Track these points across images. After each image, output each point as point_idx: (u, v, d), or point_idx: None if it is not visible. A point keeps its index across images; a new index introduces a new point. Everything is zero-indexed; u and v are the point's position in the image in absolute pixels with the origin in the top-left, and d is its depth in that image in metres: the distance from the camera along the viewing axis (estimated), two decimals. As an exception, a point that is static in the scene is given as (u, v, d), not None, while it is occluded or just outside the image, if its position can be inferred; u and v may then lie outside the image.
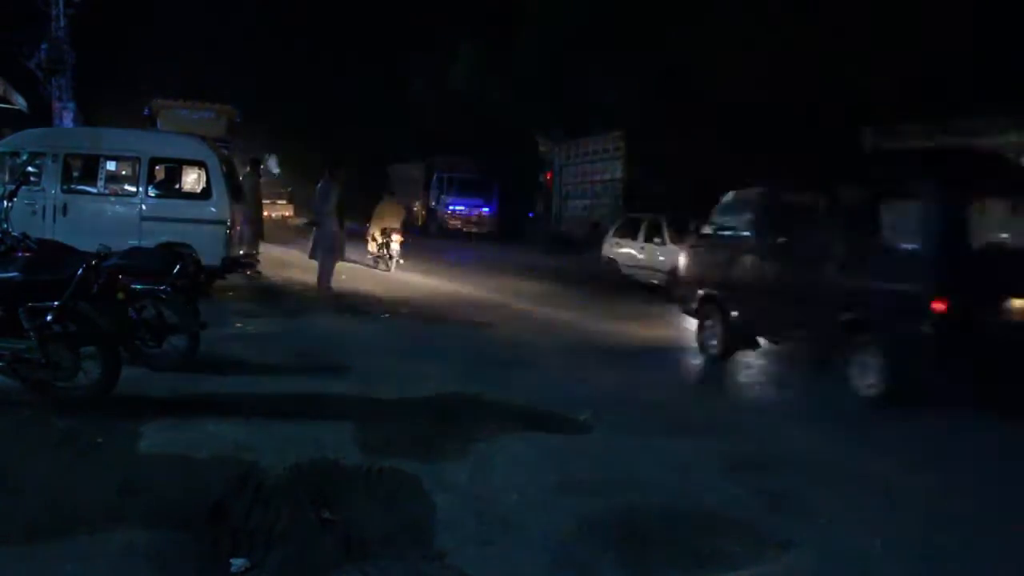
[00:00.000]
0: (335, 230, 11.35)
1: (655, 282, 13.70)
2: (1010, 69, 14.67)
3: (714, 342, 8.19)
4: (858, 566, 3.53)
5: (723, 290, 8.16)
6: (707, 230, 9.11)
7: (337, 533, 3.53)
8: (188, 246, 9.57)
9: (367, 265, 15.96)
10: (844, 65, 17.70)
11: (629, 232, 15.21)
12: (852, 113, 15.98)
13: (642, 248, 14.52)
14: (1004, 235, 6.66)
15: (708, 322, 8.35)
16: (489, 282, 14.81)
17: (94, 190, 10.36)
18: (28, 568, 3.14)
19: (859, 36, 17.78)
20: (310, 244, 11.58)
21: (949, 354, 5.94)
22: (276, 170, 35.37)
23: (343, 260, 11.79)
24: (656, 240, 14.06)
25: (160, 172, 11.37)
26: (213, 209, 10.16)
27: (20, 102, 20.46)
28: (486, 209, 30.22)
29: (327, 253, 11.30)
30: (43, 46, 23.16)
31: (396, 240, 15.84)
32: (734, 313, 7.92)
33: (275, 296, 11.24)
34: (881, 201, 6.64)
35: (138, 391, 5.59)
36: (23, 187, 8.77)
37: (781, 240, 7.56)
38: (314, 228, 11.53)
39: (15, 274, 5.13)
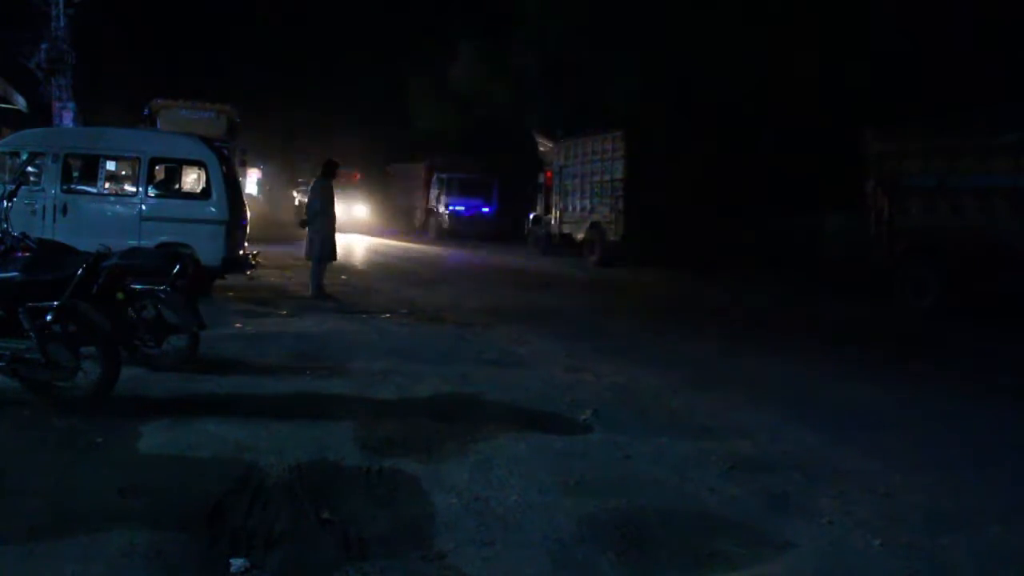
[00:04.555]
0: (327, 230, 11.32)
1: None
2: (1010, 69, 14.70)
3: None
4: (858, 566, 3.53)
5: None
6: None
7: (337, 533, 3.53)
8: (188, 246, 9.59)
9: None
10: (844, 65, 17.74)
11: None
12: (852, 113, 15.99)
13: None
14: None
15: None
16: (489, 284, 14.81)
17: (94, 190, 10.36)
18: (28, 568, 3.14)
19: (859, 36, 17.81)
20: (305, 244, 11.57)
21: None
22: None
23: (333, 260, 11.75)
24: None
25: (160, 172, 11.37)
26: (213, 209, 10.16)
27: (20, 102, 20.46)
28: (486, 209, 30.21)
29: (318, 254, 11.29)
30: (43, 46, 23.15)
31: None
32: None
33: (275, 296, 11.24)
34: None
35: (138, 391, 5.60)
36: (23, 187, 8.78)
37: None
38: (308, 228, 11.48)
39: (15, 274, 5.14)
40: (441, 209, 30.38)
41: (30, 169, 10.14)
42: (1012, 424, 6.20)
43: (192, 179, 12.57)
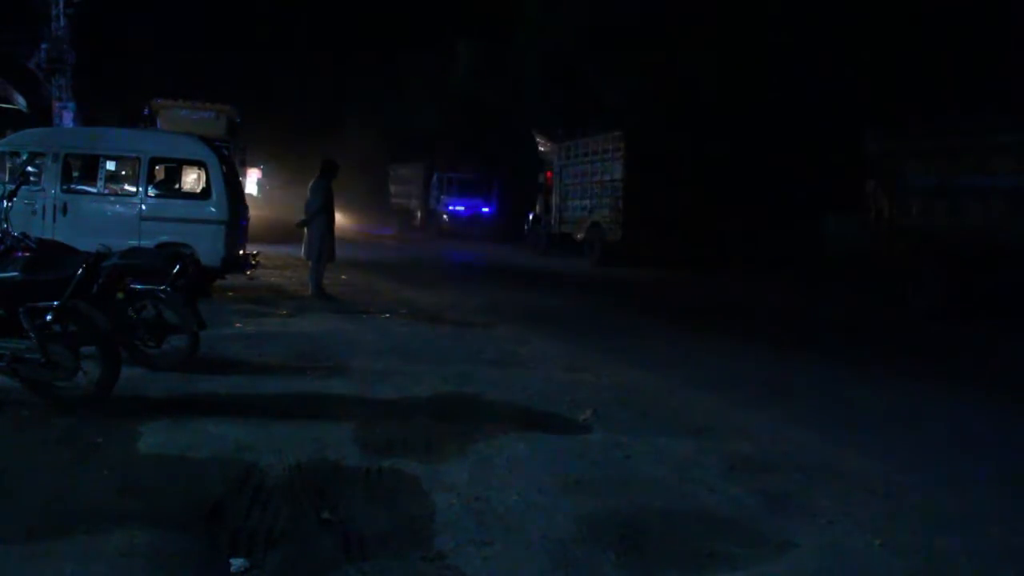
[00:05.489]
0: (324, 230, 11.32)
1: None
2: (1009, 69, 14.69)
3: None
4: (858, 566, 3.53)
5: None
6: None
7: (337, 533, 3.53)
8: (188, 246, 9.59)
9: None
10: (844, 65, 17.75)
11: None
12: (852, 113, 15.99)
13: None
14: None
15: None
16: (489, 284, 14.82)
17: (94, 190, 10.36)
18: (28, 568, 3.14)
19: (859, 36, 17.82)
20: (303, 244, 11.58)
21: None
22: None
23: (332, 260, 11.75)
24: None
25: (160, 172, 11.37)
26: (213, 209, 10.16)
27: (20, 102, 20.49)
28: (486, 209, 30.22)
29: (317, 253, 11.29)
30: (43, 46, 23.15)
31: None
32: None
33: (275, 296, 11.23)
34: None
35: (138, 391, 5.60)
36: (23, 187, 8.77)
37: None
38: (306, 228, 11.49)
39: (15, 274, 5.13)
40: (441, 209, 30.39)
41: (30, 169, 10.13)
42: (1012, 424, 6.20)
43: (192, 179, 12.58)
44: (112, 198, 10.69)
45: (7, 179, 9.43)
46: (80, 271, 5.08)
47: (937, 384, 7.49)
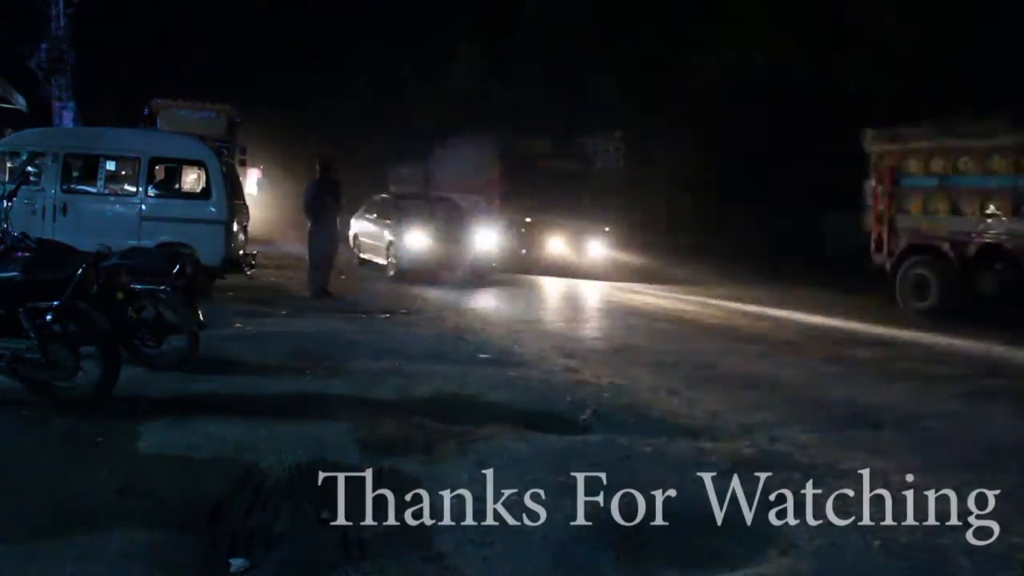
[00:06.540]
0: (326, 231, 11.31)
1: None
2: (1009, 69, 14.70)
3: None
4: (858, 566, 3.53)
5: None
6: None
7: (337, 533, 3.53)
8: (188, 246, 9.58)
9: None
10: (844, 65, 17.76)
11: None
12: (852, 113, 16.00)
13: None
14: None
15: None
16: (488, 284, 14.83)
17: (94, 190, 10.36)
18: (28, 568, 3.14)
19: (859, 36, 17.82)
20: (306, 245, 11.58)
21: None
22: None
23: (334, 259, 11.73)
24: None
25: (160, 172, 11.37)
26: (213, 209, 10.16)
27: (20, 102, 20.47)
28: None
29: (318, 254, 11.28)
30: (43, 46, 23.15)
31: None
32: None
33: (275, 296, 11.23)
34: None
35: (138, 391, 5.60)
36: (23, 187, 8.77)
37: None
38: (309, 228, 11.49)
39: (15, 274, 5.13)
40: None
41: (30, 169, 10.13)
42: (1012, 424, 6.21)
43: (192, 179, 12.57)
44: (112, 198, 10.69)
45: (7, 179, 9.43)
46: (80, 271, 5.08)
47: (936, 384, 7.49)
